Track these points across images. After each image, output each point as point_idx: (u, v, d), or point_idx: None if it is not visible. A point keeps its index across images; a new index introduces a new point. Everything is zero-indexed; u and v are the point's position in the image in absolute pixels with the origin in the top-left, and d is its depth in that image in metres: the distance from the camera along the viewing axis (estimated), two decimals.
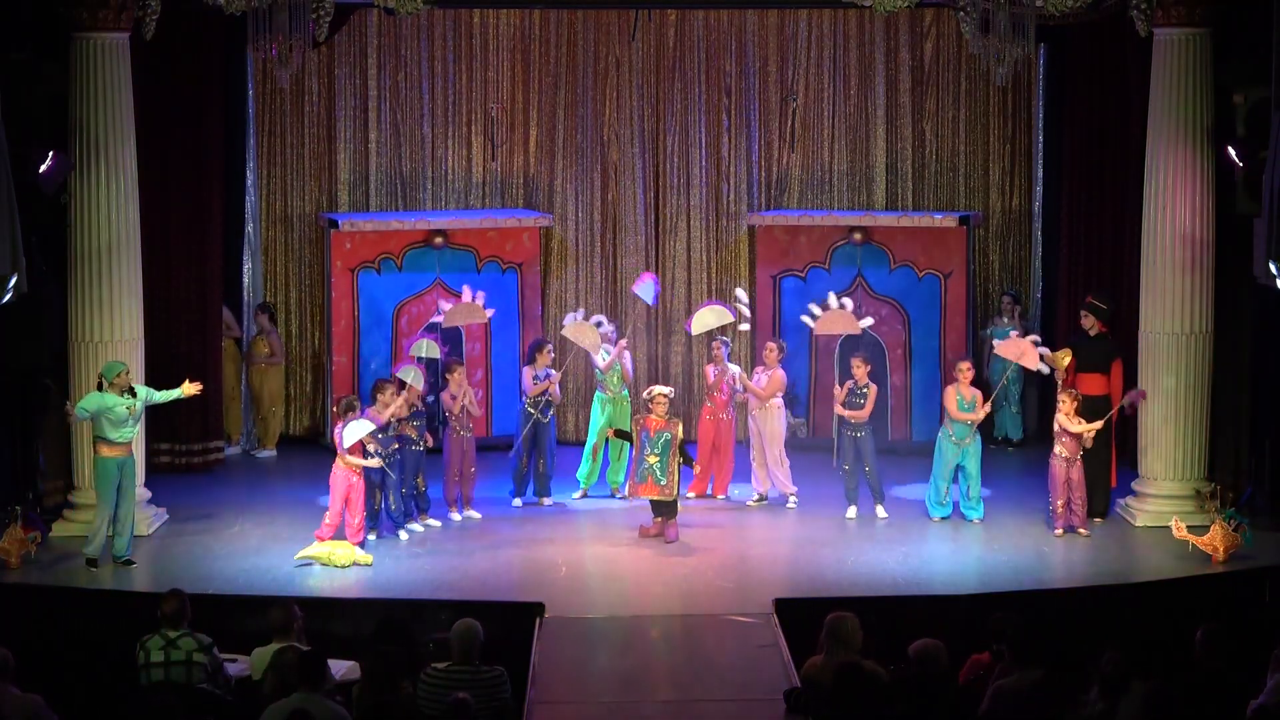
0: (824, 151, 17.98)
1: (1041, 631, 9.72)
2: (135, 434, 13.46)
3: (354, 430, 13.60)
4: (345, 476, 13.66)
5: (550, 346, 15.41)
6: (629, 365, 15.65)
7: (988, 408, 14.68)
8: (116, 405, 13.20)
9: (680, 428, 14.22)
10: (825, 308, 15.39)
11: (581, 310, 16.01)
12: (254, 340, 17.33)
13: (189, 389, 13.66)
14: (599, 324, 15.60)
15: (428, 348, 14.85)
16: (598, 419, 15.55)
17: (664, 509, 14.10)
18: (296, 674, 8.97)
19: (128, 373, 13.41)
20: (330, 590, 12.82)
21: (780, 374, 15.25)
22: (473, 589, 12.81)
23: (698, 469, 14.92)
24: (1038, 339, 14.82)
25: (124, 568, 13.25)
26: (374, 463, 13.77)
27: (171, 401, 13.75)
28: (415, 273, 17.07)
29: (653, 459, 14.05)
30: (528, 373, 15.25)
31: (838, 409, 14.81)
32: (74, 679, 10.07)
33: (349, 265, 16.94)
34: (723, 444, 15.46)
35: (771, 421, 15.18)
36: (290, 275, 17.83)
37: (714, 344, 15.55)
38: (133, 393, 13.37)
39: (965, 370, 14.67)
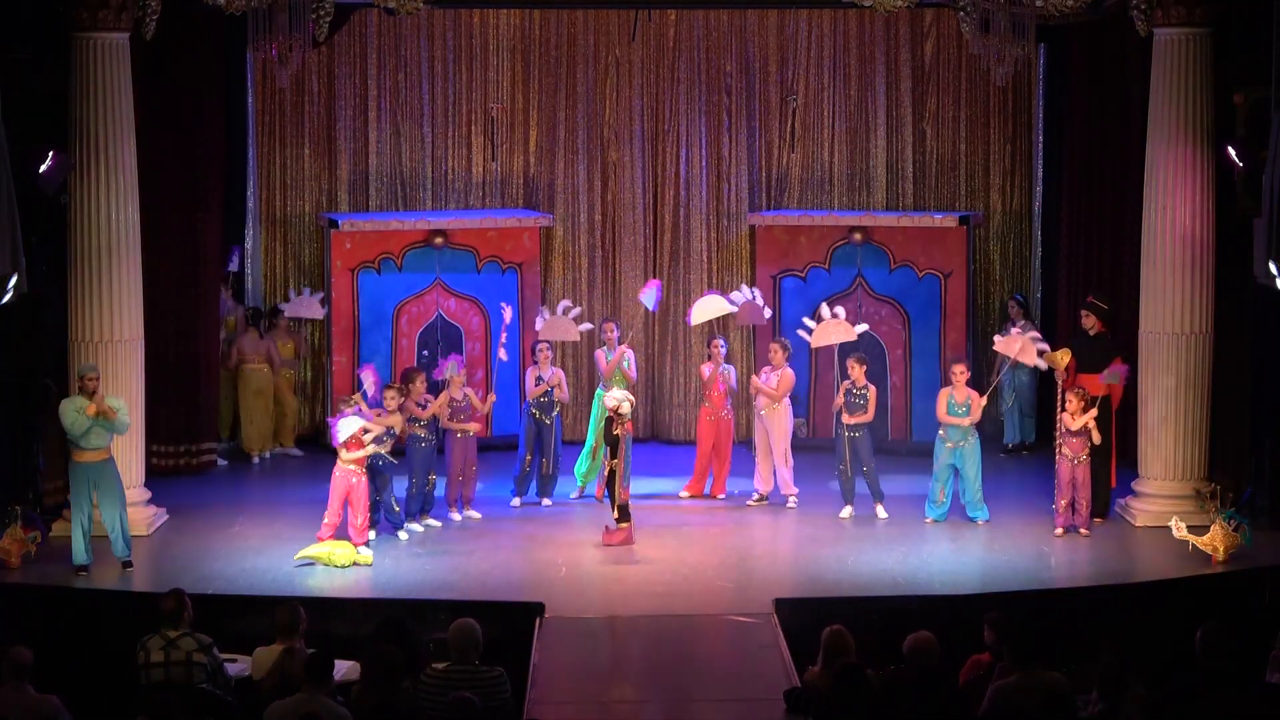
0: (824, 151, 17.98)
1: (1036, 630, 9.71)
2: (108, 441, 13.12)
3: (346, 426, 13.58)
4: (345, 477, 13.65)
5: (549, 345, 15.39)
6: (633, 368, 15.62)
7: (981, 403, 14.60)
8: (77, 417, 12.97)
9: (623, 438, 14.04)
10: (819, 319, 15.32)
11: (544, 309, 16.02)
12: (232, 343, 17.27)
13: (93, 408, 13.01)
14: (566, 309, 15.66)
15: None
16: (596, 417, 15.55)
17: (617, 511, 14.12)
18: (305, 674, 8.98)
19: (96, 376, 13.13)
20: (330, 590, 12.80)
21: (790, 373, 15.23)
22: (473, 589, 12.80)
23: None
24: (1037, 335, 14.85)
25: (125, 570, 13.17)
26: (369, 450, 13.66)
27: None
28: (415, 273, 17.07)
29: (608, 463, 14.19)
30: (530, 374, 15.26)
31: (839, 412, 14.78)
32: (74, 679, 10.07)
33: (349, 265, 16.94)
34: (722, 444, 15.46)
35: (780, 421, 15.17)
36: (290, 275, 17.83)
37: (712, 342, 15.54)
38: (91, 396, 13.02)
39: (960, 373, 14.61)
